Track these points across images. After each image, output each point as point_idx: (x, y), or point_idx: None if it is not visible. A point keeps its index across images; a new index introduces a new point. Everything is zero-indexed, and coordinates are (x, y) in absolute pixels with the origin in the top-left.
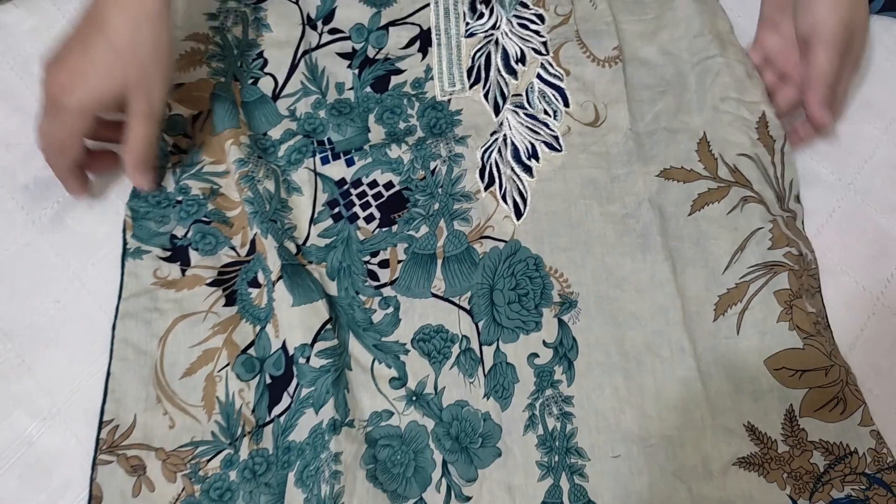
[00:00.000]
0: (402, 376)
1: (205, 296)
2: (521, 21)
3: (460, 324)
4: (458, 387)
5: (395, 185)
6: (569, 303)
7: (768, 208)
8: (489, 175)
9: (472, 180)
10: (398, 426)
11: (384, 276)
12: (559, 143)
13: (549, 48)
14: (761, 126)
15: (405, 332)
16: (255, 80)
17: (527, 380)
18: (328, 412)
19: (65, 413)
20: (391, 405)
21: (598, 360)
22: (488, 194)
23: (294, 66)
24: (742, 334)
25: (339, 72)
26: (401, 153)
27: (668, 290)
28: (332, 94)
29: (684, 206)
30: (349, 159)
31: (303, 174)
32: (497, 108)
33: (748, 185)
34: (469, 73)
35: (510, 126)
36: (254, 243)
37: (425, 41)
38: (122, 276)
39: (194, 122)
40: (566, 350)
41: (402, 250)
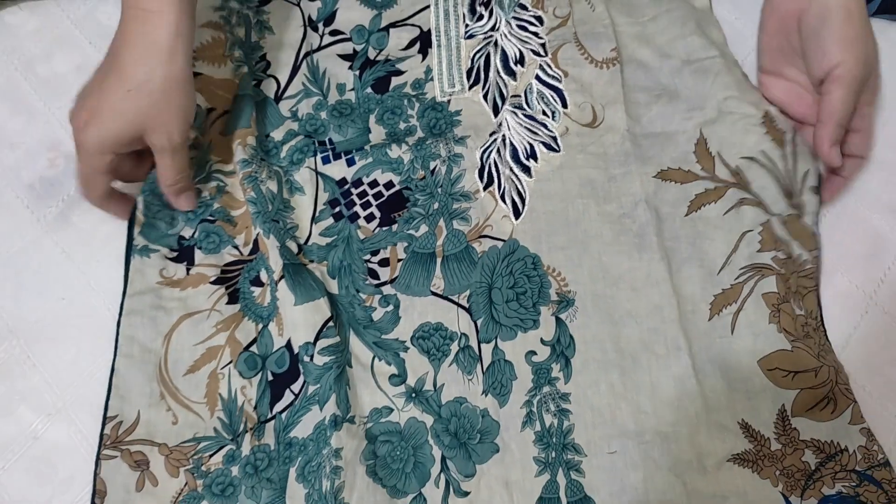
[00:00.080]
0: (401, 373)
1: (208, 294)
2: (519, 23)
3: (459, 322)
4: (456, 384)
5: (396, 184)
6: (566, 301)
7: (767, 209)
8: (488, 175)
9: (471, 180)
10: (398, 422)
11: (384, 274)
12: (557, 144)
13: (548, 50)
14: (767, 121)
15: (405, 329)
16: (259, 82)
17: (524, 377)
18: (330, 408)
19: (70, 408)
20: (391, 402)
21: (594, 357)
22: (487, 194)
23: (296, 68)
24: (736, 334)
25: (340, 73)
26: (401, 153)
27: (663, 289)
28: (334, 96)
29: (681, 207)
30: (350, 159)
31: (304, 174)
32: (496, 109)
33: (747, 187)
34: (468, 75)
35: (509, 126)
36: (257, 242)
37: (425, 43)
38: (126, 270)
39: (208, 115)
40: (563, 348)
41: (401, 249)
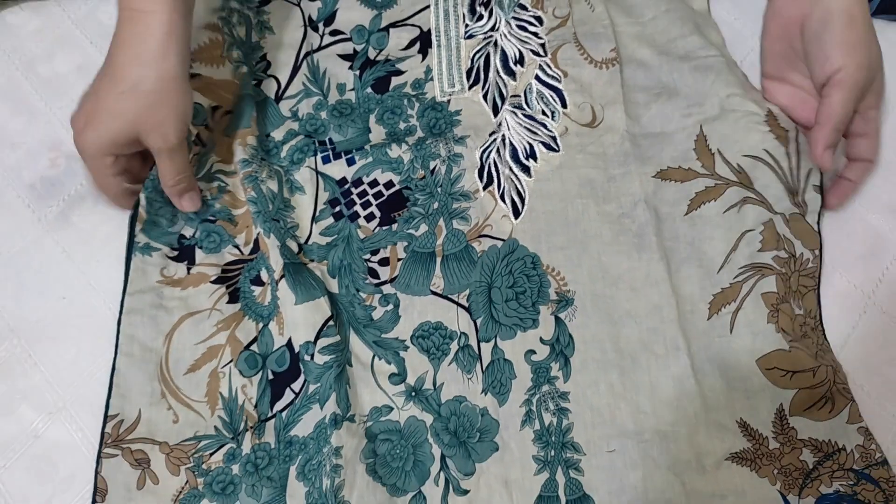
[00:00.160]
0: (401, 372)
1: (209, 293)
2: (519, 23)
3: (459, 321)
4: (456, 383)
5: (395, 184)
6: (565, 300)
7: (770, 207)
8: (488, 175)
9: (470, 180)
10: (398, 421)
11: (384, 273)
12: (557, 144)
13: (548, 50)
14: (771, 119)
15: (405, 328)
16: (259, 82)
17: (524, 376)
18: (330, 407)
19: (71, 407)
20: (391, 400)
21: (593, 356)
22: (487, 194)
23: (296, 68)
24: (735, 333)
25: (340, 73)
26: (401, 153)
27: (662, 289)
28: (334, 95)
29: (681, 207)
30: (350, 159)
31: (305, 173)
32: (496, 109)
33: (750, 185)
34: (468, 75)
35: (509, 126)
36: (257, 242)
37: (425, 43)
38: (127, 267)
39: (213, 113)
40: (563, 347)
41: (401, 248)
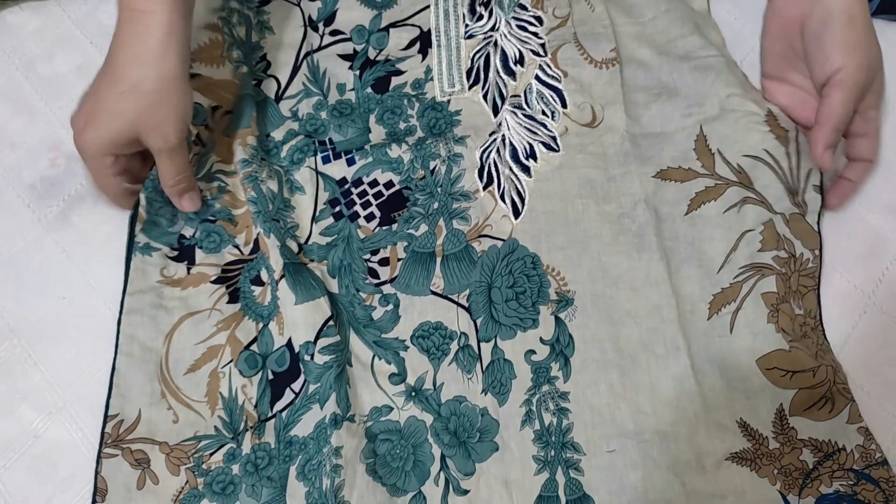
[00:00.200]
0: (401, 372)
1: (209, 293)
2: (519, 23)
3: (459, 321)
4: (456, 382)
5: (395, 184)
6: (565, 300)
7: (770, 207)
8: (488, 175)
9: (470, 180)
10: (398, 421)
11: (384, 273)
12: (557, 144)
13: (548, 50)
14: (771, 119)
15: (405, 328)
16: (259, 82)
17: (524, 376)
18: (330, 407)
19: (71, 407)
20: (391, 400)
21: (593, 356)
22: (487, 194)
23: (296, 68)
24: (735, 333)
25: (340, 73)
26: (401, 153)
27: (662, 289)
28: (334, 95)
29: (681, 207)
30: (350, 159)
31: (305, 173)
32: (496, 109)
33: (750, 185)
34: (468, 75)
35: (508, 126)
36: (257, 242)
37: (425, 43)
38: (127, 267)
39: (213, 113)
40: (563, 347)
41: (401, 248)
